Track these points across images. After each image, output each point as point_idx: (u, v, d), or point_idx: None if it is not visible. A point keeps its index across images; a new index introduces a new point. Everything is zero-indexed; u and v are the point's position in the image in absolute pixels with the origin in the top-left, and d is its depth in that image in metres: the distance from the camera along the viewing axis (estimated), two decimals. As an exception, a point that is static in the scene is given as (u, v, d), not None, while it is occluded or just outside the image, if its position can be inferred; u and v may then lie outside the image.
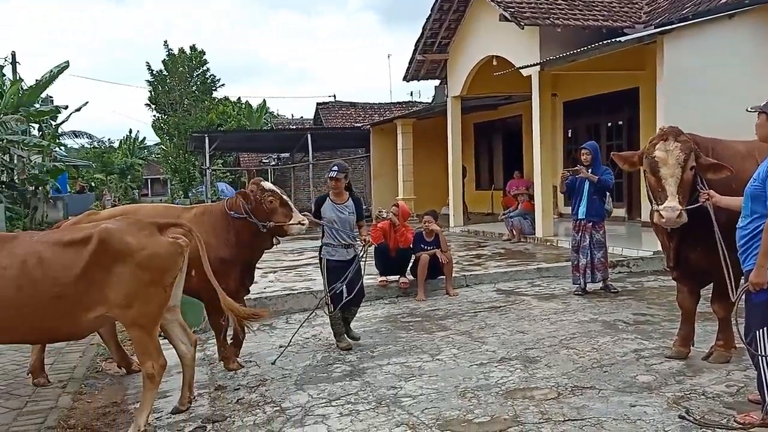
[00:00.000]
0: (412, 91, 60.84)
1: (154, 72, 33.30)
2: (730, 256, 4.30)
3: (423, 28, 15.26)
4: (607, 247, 8.23)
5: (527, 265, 9.75)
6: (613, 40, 10.17)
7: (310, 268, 10.36)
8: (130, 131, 54.24)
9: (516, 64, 12.66)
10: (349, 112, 28.99)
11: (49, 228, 7.70)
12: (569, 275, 8.64)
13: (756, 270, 3.73)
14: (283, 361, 5.77)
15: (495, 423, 4.16)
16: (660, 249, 7.98)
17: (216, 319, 5.53)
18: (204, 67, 34.20)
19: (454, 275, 8.60)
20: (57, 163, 24.37)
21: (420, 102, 29.67)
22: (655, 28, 10.74)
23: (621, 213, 13.65)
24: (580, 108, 15.16)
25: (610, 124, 14.75)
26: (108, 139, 48.74)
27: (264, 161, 32.35)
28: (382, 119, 22.95)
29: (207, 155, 21.65)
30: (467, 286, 8.83)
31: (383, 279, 8.48)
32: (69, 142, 32.01)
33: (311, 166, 22.36)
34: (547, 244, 11.90)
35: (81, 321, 4.06)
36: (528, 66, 12.15)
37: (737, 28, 9.86)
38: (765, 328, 3.79)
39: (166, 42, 33.26)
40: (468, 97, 15.68)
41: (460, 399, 4.61)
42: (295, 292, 8.21)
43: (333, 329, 6.22)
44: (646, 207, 10.82)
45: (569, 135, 15.84)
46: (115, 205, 25.97)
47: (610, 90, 13.83)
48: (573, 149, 15.53)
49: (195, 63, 33.81)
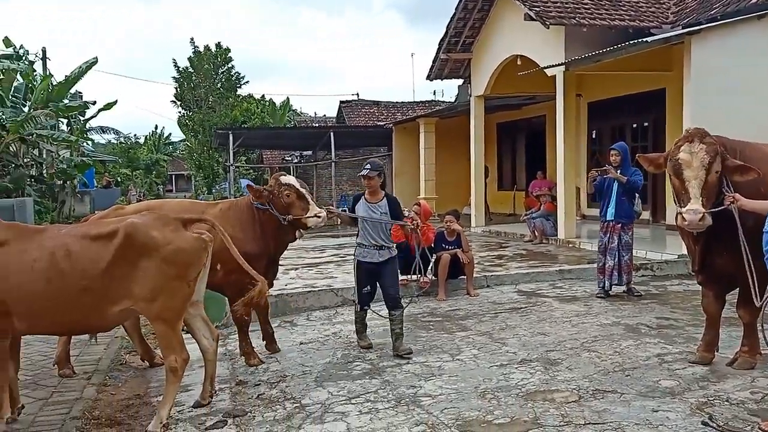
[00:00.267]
0: (435, 90, 60.62)
1: (180, 69, 33.68)
2: (756, 260, 4.23)
3: (447, 27, 15.23)
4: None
5: (549, 267, 9.69)
6: (640, 40, 10.05)
7: (331, 265, 10.41)
8: (155, 127, 54.97)
9: (540, 63, 12.57)
10: (372, 110, 29.01)
11: (76, 222, 7.83)
12: (591, 277, 8.58)
13: None
14: (303, 358, 5.81)
15: (515, 425, 4.15)
16: (684, 252, 7.90)
17: (239, 314, 5.60)
18: (229, 65, 34.53)
19: (475, 275, 8.57)
20: (84, 158, 24.70)
21: (443, 101, 29.62)
22: (683, 28, 10.60)
23: (645, 215, 13.45)
24: (605, 109, 15.01)
25: (635, 125, 14.58)
26: (134, 135, 49.39)
27: (287, 159, 32.52)
28: (404, 118, 22.96)
29: (231, 152, 21.85)
30: (488, 286, 8.80)
31: (404, 278, 8.47)
32: (96, 137, 32.42)
33: (333, 164, 22.44)
34: (570, 245, 11.81)
35: (107, 314, 4.12)
36: (553, 66, 12.06)
37: (767, 28, 9.69)
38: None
39: (192, 39, 33.79)
40: (491, 97, 15.61)
41: (479, 400, 4.60)
42: (316, 289, 8.25)
43: (355, 326, 6.21)
44: (670, 209, 10.69)
45: (593, 136, 15.70)
46: (140, 200, 26.36)
47: (635, 91, 13.67)
48: (597, 150, 15.41)
49: (220, 60, 34.16)
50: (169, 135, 50.60)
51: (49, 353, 5.92)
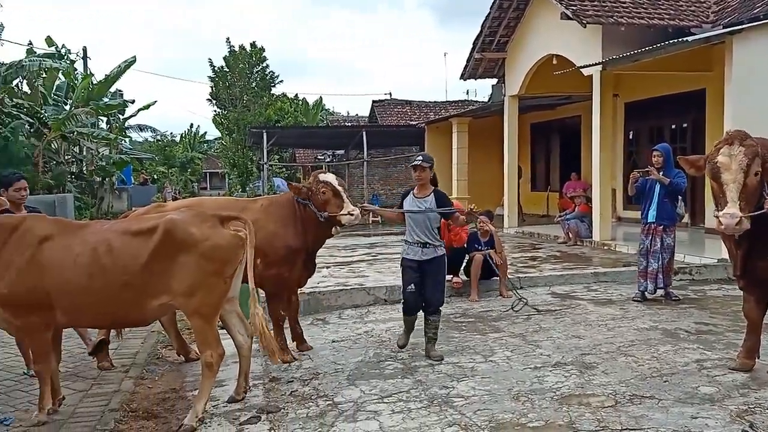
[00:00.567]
0: (468, 90, 60.46)
1: (215, 68, 34.14)
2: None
3: (482, 26, 15.14)
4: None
5: (583, 269, 9.55)
6: (680, 39, 9.84)
7: (362, 264, 10.44)
8: (191, 126, 55.72)
9: (577, 63, 12.41)
10: (405, 110, 29.00)
11: (114, 218, 7.98)
12: (627, 280, 8.44)
13: None
14: (336, 356, 5.83)
15: (549, 428, 4.10)
16: (724, 256, 7.72)
17: (275, 309, 5.70)
18: (263, 64, 34.88)
19: (507, 276, 8.50)
20: (122, 156, 25.28)
21: (475, 101, 29.47)
22: (724, 27, 10.35)
23: (684, 218, 13.20)
24: (642, 109, 14.74)
25: (674, 126, 14.29)
26: (170, 133, 50.23)
27: (319, 157, 32.70)
28: (437, 117, 22.88)
29: (264, 150, 22.07)
30: (521, 288, 8.71)
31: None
32: (134, 135, 33.15)
33: (366, 163, 22.50)
34: (605, 248, 11.64)
35: (146, 308, 4.21)
36: (590, 65, 11.89)
37: (812, 28, 9.40)
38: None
39: (228, 39, 34.24)
40: (526, 97, 15.47)
41: (513, 402, 4.57)
42: (348, 288, 8.26)
43: (404, 326, 5.91)
44: (710, 212, 10.45)
45: (630, 137, 15.43)
46: (176, 198, 26.77)
47: (674, 91, 13.39)
48: (634, 152, 15.15)
49: (255, 59, 34.53)
50: (204, 133, 51.42)
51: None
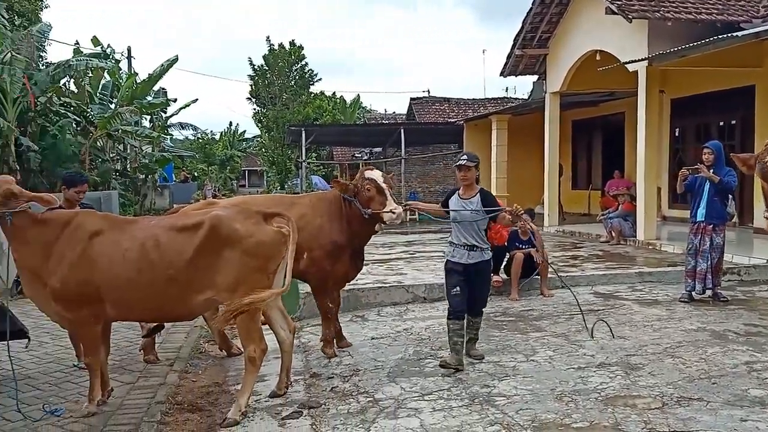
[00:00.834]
0: (507, 87, 59.91)
1: (255, 67, 34.53)
2: None
3: (523, 22, 14.95)
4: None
5: (627, 269, 9.35)
6: (730, 34, 9.55)
7: (401, 262, 10.43)
8: (230, 124, 56.54)
9: (621, 59, 12.14)
10: (443, 107, 28.85)
11: (157, 215, 8.13)
12: (673, 281, 8.24)
13: None
14: (375, 353, 5.84)
15: (594, 430, 4.03)
16: (776, 257, 7.47)
17: (323, 302, 5.77)
18: (302, 62, 35.12)
19: (549, 276, 8.39)
20: (165, 153, 25.80)
21: (515, 98, 29.16)
22: (777, 21, 10.02)
23: (734, 218, 12.83)
24: (689, 106, 14.37)
25: (722, 123, 13.88)
26: (210, 131, 51.04)
27: (357, 155, 32.81)
28: (475, 115, 22.71)
29: (303, 148, 22.21)
30: (563, 287, 8.58)
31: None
32: (176, 133, 33.76)
33: (403, 161, 22.47)
34: (649, 247, 11.39)
35: (191, 303, 4.27)
36: (635, 61, 11.62)
37: None
38: None
39: (268, 38, 34.53)
40: (567, 93, 15.21)
41: (556, 402, 4.50)
42: (387, 285, 8.26)
43: (449, 340, 5.35)
44: (759, 212, 10.13)
45: (676, 134, 15.05)
46: (216, 195, 27.20)
47: (722, 87, 13.01)
48: (680, 149, 14.79)
49: (294, 58, 34.78)
50: (244, 131, 52.09)
51: (135, 339, 6.20)
